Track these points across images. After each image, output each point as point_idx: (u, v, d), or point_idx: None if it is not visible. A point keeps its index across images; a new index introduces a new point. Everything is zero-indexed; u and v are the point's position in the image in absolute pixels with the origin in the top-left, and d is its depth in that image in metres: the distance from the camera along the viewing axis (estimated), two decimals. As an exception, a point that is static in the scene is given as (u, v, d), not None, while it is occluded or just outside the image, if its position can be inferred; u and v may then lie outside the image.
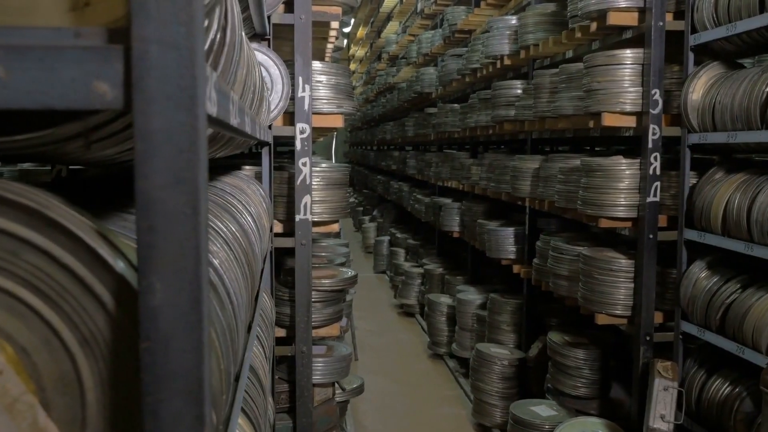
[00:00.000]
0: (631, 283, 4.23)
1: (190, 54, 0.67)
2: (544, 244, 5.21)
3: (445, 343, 7.69)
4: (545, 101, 5.11)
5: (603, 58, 4.21)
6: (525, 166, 5.58)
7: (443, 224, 8.10)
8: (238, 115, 1.35)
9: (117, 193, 1.64)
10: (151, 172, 0.67)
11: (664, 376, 3.75)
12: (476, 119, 6.81)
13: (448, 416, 6.26)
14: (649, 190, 4.09)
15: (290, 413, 4.01)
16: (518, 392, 5.72)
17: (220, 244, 1.44)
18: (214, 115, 0.94)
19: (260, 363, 2.57)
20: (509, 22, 6.01)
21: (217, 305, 1.11)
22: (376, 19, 15.54)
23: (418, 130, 10.23)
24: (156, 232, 0.67)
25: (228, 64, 1.24)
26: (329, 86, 4.05)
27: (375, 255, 13.05)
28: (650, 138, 4.05)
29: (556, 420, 4.63)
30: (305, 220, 3.85)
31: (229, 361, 1.06)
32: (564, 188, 4.75)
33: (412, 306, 9.62)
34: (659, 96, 4.03)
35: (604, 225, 4.29)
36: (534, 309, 6.05)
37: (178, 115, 0.67)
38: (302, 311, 3.89)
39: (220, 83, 0.99)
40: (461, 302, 7.10)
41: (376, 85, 15.55)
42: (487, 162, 6.63)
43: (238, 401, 1.34)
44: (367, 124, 18.31)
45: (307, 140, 3.82)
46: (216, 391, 0.90)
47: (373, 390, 6.88)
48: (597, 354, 4.79)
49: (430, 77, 9.26)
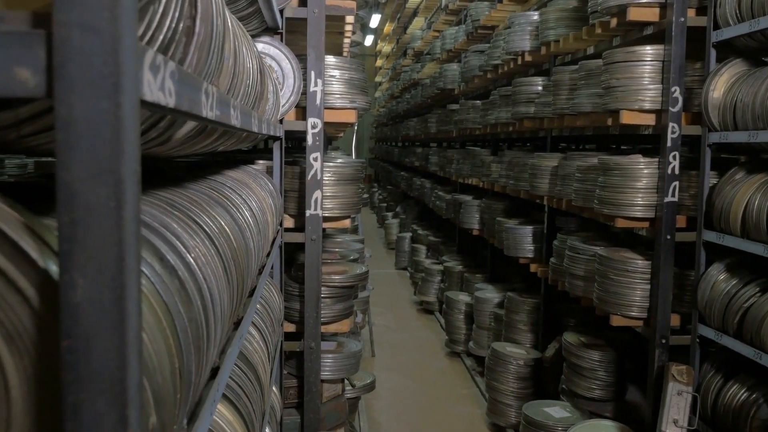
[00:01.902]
0: (647, 284, 4.14)
1: (113, 39, 0.64)
2: (561, 243, 5.13)
3: (462, 341, 7.64)
4: (564, 98, 5.02)
5: (622, 55, 4.11)
6: (543, 164, 5.50)
7: (463, 222, 8.04)
8: (217, 107, 1.33)
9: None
10: (73, 163, 0.64)
11: (678, 380, 3.66)
12: (497, 116, 6.73)
13: (462, 415, 6.21)
14: (668, 189, 3.99)
15: (299, 408, 4.00)
16: (533, 393, 5.65)
17: (200, 239, 1.41)
18: (169, 105, 0.91)
19: (259, 358, 2.55)
20: (530, 18, 5.93)
21: (180, 301, 1.09)
22: (402, 15, 15.49)
23: (440, 127, 10.17)
24: (77, 225, 0.65)
25: (203, 55, 1.21)
26: (342, 81, 4.01)
27: (397, 251, 13.02)
28: (669, 136, 3.95)
29: (569, 422, 4.55)
30: (315, 216, 3.83)
31: (189, 358, 1.04)
32: (581, 187, 4.67)
33: (432, 303, 9.57)
34: (679, 93, 3.93)
35: (621, 225, 4.20)
36: (552, 309, 5.97)
37: (101, 103, 0.64)
38: (311, 307, 3.87)
39: (181, 73, 0.96)
40: (479, 300, 7.04)
41: (401, 82, 15.50)
42: (507, 159, 6.56)
43: (210, 398, 1.31)
44: (392, 120, 18.28)
45: (319, 135, 3.79)
46: (163, 391, 0.87)
47: (389, 387, 6.86)
48: (612, 356, 4.70)
49: (453, 73, 9.19)
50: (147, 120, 1.14)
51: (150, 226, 1.21)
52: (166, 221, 1.30)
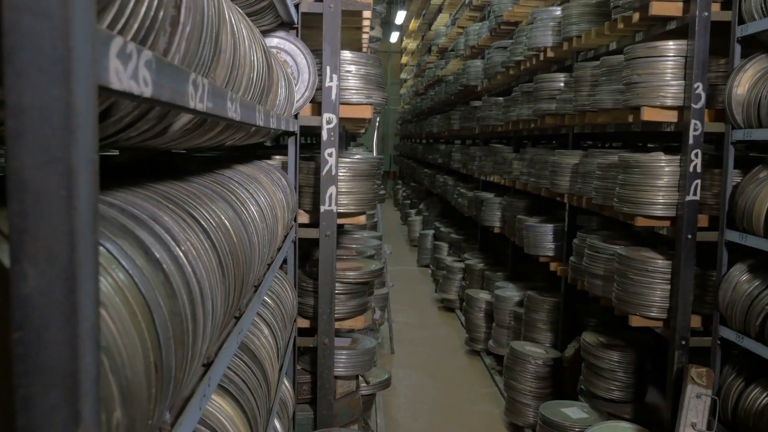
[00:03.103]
0: (667, 284, 4.06)
1: (64, 24, 0.62)
2: (581, 241, 5.05)
3: (482, 339, 7.59)
4: (585, 95, 4.94)
5: (643, 50, 4.03)
6: (564, 162, 5.42)
7: (484, 219, 7.98)
8: (210, 99, 1.31)
9: (129, 179, 1.61)
10: (23, 151, 0.63)
11: (697, 383, 3.58)
12: (518, 113, 6.66)
13: (480, 414, 6.17)
14: (689, 188, 3.91)
15: (312, 404, 3.99)
16: (552, 393, 5.59)
17: (194, 232, 1.40)
18: (145, 95, 0.89)
19: (267, 354, 2.54)
20: (553, 13, 5.85)
21: (162, 295, 1.07)
22: (427, 12, 15.44)
23: (463, 124, 10.11)
24: (27, 215, 0.63)
25: (191, 46, 1.19)
26: (359, 76, 3.99)
27: (419, 248, 12.98)
28: (691, 134, 3.87)
29: (586, 423, 4.49)
30: (330, 211, 3.81)
31: (170, 352, 1.02)
32: (602, 185, 4.59)
33: (453, 301, 9.52)
34: (702, 90, 3.85)
35: (641, 224, 4.13)
36: (572, 308, 5.89)
37: (51, 90, 0.63)
38: (325, 303, 3.86)
39: (160, 62, 0.95)
40: (499, 299, 6.99)
41: (426, 78, 15.45)
42: (529, 156, 6.49)
43: (200, 393, 1.30)
44: (416, 117, 18.23)
45: (334, 130, 3.78)
46: (134, 385, 0.86)
47: (407, 384, 6.83)
48: (632, 357, 4.62)
49: (476, 70, 9.12)
50: (132, 111, 1.12)
51: (138, 218, 1.20)
52: (157, 214, 1.29)
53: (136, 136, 1.34)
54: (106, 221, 1.10)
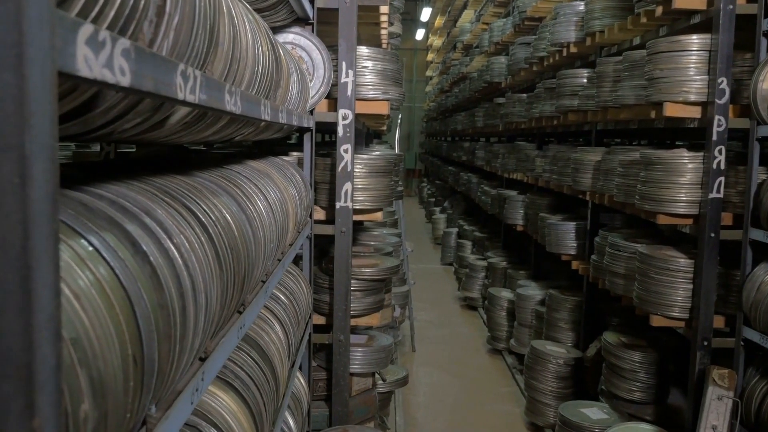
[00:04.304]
0: (689, 284, 3.98)
1: (16, 8, 0.61)
2: (602, 240, 4.98)
3: (504, 338, 7.53)
4: (608, 90, 4.87)
5: (666, 44, 3.95)
6: (586, 159, 5.35)
7: (507, 217, 7.91)
8: (203, 91, 1.30)
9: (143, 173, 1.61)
10: (-25, 138, 0.62)
11: (719, 385, 3.50)
12: (541, 109, 6.59)
13: (501, 413, 6.12)
14: (712, 185, 3.82)
15: (327, 401, 3.99)
16: (573, 393, 5.52)
17: (188, 226, 1.39)
18: (122, 84, 0.88)
19: (277, 349, 2.53)
20: (576, 8, 5.77)
21: (147, 288, 1.06)
22: (453, 8, 15.36)
23: (487, 121, 10.04)
24: (-20, 202, 0.62)
25: (181, 38, 1.18)
26: (375, 72, 3.97)
27: (443, 246, 12.94)
28: (715, 130, 3.78)
29: (605, 424, 4.42)
30: (345, 208, 3.80)
31: (152, 345, 1.01)
32: (623, 182, 4.51)
33: (476, 299, 9.47)
34: (726, 85, 3.75)
35: (663, 221, 4.05)
36: (595, 307, 5.81)
37: (4, 76, 0.62)
38: (340, 300, 3.85)
39: (140, 52, 0.94)
40: (521, 297, 6.92)
41: (451, 75, 15.38)
42: (551, 154, 6.41)
43: (192, 387, 1.29)
44: (441, 115, 18.17)
45: (350, 126, 3.76)
46: (107, 378, 0.85)
47: (427, 383, 6.80)
48: (654, 357, 4.54)
49: (500, 66, 9.05)
50: (120, 102, 1.11)
51: (129, 211, 1.19)
52: (150, 206, 1.28)
53: (131, 128, 1.34)
54: (94, 213, 1.09)
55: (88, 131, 1.21)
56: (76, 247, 0.93)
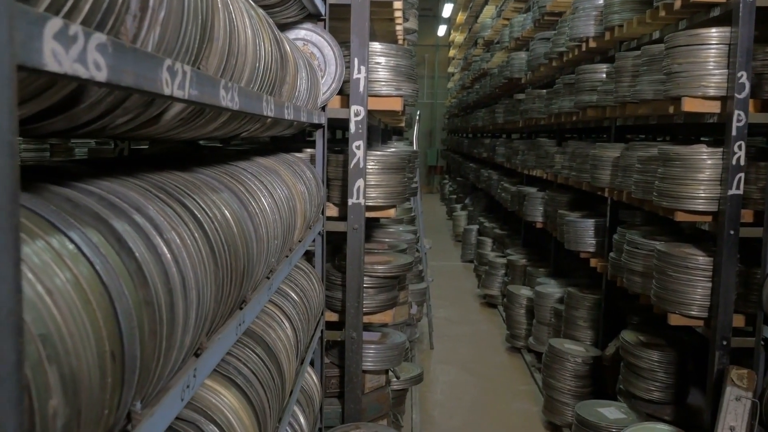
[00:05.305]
0: (708, 282, 3.91)
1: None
2: (621, 237, 4.91)
3: (523, 336, 7.48)
4: (626, 85, 4.80)
5: (684, 38, 3.88)
6: (605, 155, 5.28)
7: (527, 214, 7.85)
8: (194, 87, 1.29)
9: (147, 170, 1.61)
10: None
11: (737, 385, 3.43)
12: (560, 105, 6.52)
13: (518, 412, 6.07)
14: (732, 181, 3.74)
15: (340, 398, 3.98)
16: (592, 392, 5.46)
17: (181, 222, 1.39)
18: (96, 79, 0.88)
19: (283, 346, 2.53)
20: (595, 2, 5.70)
21: (130, 284, 1.06)
22: (474, 4, 15.27)
23: (507, 117, 9.97)
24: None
25: (168, 33, 1.17)
26: (388, 68, 3.95)
27: (463, 244, 12.89)
28: (734, 125, 3.70)
29: (623, 423, 4.36)
30: (358, 205, 3.79)
31: (133, 342, 1.01)
32: (642, 178, 4.45)
33: (495, 297, 9.41)
34: (746, 79, 3.67)
35: (681, 218, 3.98)
36: (614, 305, 5.74)
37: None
38: (353, 297, 3.84)
39: (117, 47, 0.93)
40: (540, 295, 6.87)
41: (471, 72, 15.30)
42: (570, 150, 6.34)
43: (182, 383, 1.29)
44: (463, 111, 18.09)
45: (362, 123, 3.75)
46: (80, 374, 0.84)
47: (445, 380, 6.78)
48: (673, 356, 4.47)
49: (520, 62, 8.97)
50: (105, 98, 1.11)
51: (117, 206, 1.19)
52: (141, 202, 1.28)
53: (123, 123, 1.33)
54: (80, 209, 1.09)
55: (76, 126, 1.20)
56: (55, 243, 0.93)
